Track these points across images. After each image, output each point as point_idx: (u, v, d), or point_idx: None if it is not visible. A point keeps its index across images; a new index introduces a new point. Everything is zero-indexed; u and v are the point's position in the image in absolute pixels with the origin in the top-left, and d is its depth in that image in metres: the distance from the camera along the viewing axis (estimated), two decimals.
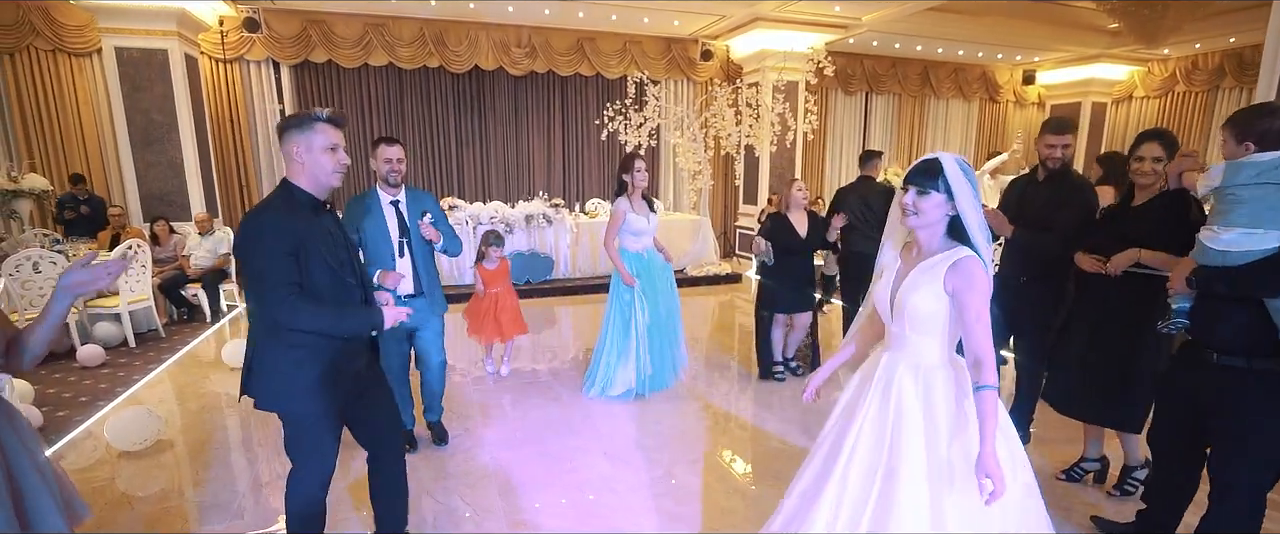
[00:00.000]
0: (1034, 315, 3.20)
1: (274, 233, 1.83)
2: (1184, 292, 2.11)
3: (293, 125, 1.92)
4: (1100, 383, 2.77)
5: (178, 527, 2.72)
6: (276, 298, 1.82)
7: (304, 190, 1.95)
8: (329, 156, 1.93)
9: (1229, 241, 2.00)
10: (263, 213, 1.90)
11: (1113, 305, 2.70)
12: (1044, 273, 3.14)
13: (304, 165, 1.93)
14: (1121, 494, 2.95)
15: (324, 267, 1.93)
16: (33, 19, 6.83)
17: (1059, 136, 3.04)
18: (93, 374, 4.67)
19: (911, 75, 10.93)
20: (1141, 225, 2.56)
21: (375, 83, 8.55)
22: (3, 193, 5.74)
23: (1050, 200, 3.06)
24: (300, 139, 1.91)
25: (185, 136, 6.88)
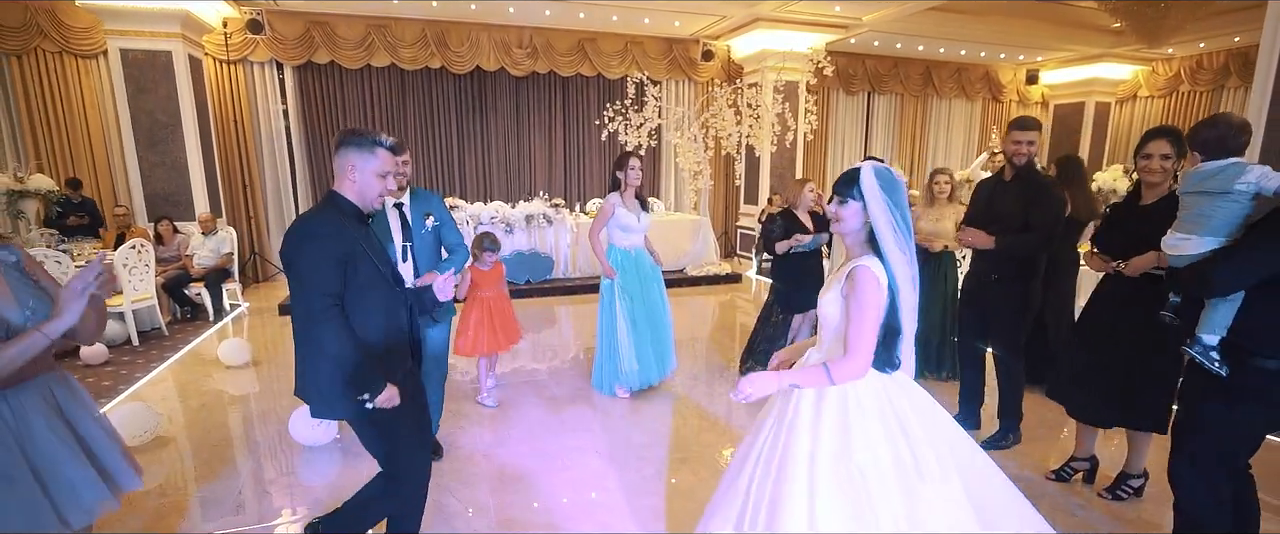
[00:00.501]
0: (1008, 313, 3.25)
1: (323, 238, 1.86)
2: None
3: (355, 144, 1.95)
4: (1121, 385, 2.73)
5: (175, 521, 2.76)
6: (319, 306, 1.83)
7: (350, 202, 1.98)
8: (380, 181, 1.97)
9: (1172, 245, 2.25)
10: (311, 220, 1.93)
11: (1130, 306, 2.67)
12: (1017, 272, 3.18)
13: (355, 183, 1.96)
14: (1114, 498, 2.94)
15: (376, 273, 1.96)
16: (40, 21, 6.91)
17: (1025, 132, 3.09)
18: (96, 372, 4.74)
19: (914, 75, 10.91)
20: (1152, 224, 2.50)
21: (378, 83, 8.60)
22: (9, 193, 5.81)
23: (1021, 198, 3.10)
24: (358, 159, 1.94)
25: (189, 137, 6.95)
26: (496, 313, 4.04)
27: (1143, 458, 2.92)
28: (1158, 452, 3.17)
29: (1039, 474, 3.18)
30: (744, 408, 4.12)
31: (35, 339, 1.52)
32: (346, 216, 1.96)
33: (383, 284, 1.99)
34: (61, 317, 1.54)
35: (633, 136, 7.63)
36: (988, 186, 3.35)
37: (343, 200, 1.97)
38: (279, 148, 8.42)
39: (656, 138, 8.48)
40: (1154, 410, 2.72)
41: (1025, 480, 3.10)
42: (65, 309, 1.55)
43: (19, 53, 6.99)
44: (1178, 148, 2.54)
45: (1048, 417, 3.91)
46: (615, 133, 7.72)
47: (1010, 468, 3.23)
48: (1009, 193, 3.18)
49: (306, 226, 1.89)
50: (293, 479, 3.16)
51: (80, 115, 7.37)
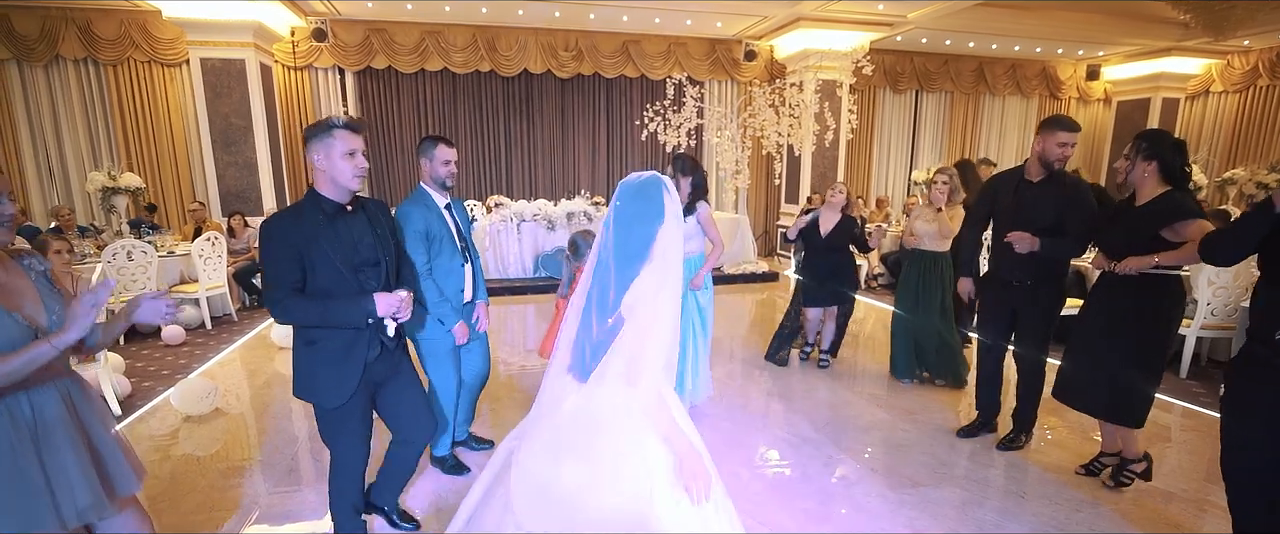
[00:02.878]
0: (1039, 315, 3.23)
1: (278, 237, 1.99)
2: None
3: (312, 135, 2.01)
4: (1109, 378, 2.79)
5: (237, 481, 3.09)
6: (271, 297, 2.00)
7: (326, 197, 2.04)
8: (347, 162, 2.00)
9: None
10: (273, 219, 2.05)
11: (1126, 303, 2.74)
12: (1049, 274, 3.16)
13: (324, 172, 2.01)
14: (1116, 486, 2.97)
15: (331, 269, 2.02)
16: (132, 33, 7.61)
17: (1071, 134, 3.00)
18: (174, 351, 5.22)
19: (965, 72, 10.64)
20: (1146, 224, 2.64)
21: (431, 86, 9.05)
22: (104, 190, 6.44)
23: (1055, 201, 3.03)
24: (319, 147, 1.99)
25: (259, 138, 7.51)
26: None
27: (1135, 443, 2.92)
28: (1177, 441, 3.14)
29: (1067, 470, 3.18)
30: (764, 400, 4.22)
31: (43, 350, 1.55)
32: (315, 212, 2.02)
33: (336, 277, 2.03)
34: (69, 330, 1.57)
35: (671, 136, 7.78)
36: (1009, 186, 3.25)
37: (318, 198, 2.04)
38: None
39: (696, 137, 8.60)
40: (1141, 404, 2.79)
41: (1054, 473, 3.12)
42: (73, 324, 1.56)
43: (114, 62, 7.72)
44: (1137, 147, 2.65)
45: (1074, 416, 3.87)
46: (655, 133, 7.88)
47: (1042, 463, 3.25)
48: (1041, 194, 3.08)
49: (265, 226, 2.04)
50: None
51: (165, 119, 8.07)
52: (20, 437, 1.60)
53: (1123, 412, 2.83)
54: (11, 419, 1.60)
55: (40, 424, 1.64)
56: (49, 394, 1.67)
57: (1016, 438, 3.40)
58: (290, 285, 2.00)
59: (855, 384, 4.49)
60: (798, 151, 8.60)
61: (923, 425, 3.74)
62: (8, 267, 1.70)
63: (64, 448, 1.66)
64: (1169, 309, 2.71)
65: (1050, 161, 3.04)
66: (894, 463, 3.27)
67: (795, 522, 2.71)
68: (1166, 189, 2.63)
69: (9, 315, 1.58)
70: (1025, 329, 3.28)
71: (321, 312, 2.01)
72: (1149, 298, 2.67)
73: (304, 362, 2.12)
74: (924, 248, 4.24)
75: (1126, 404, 2.80)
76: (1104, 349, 2.80)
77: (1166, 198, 2.61)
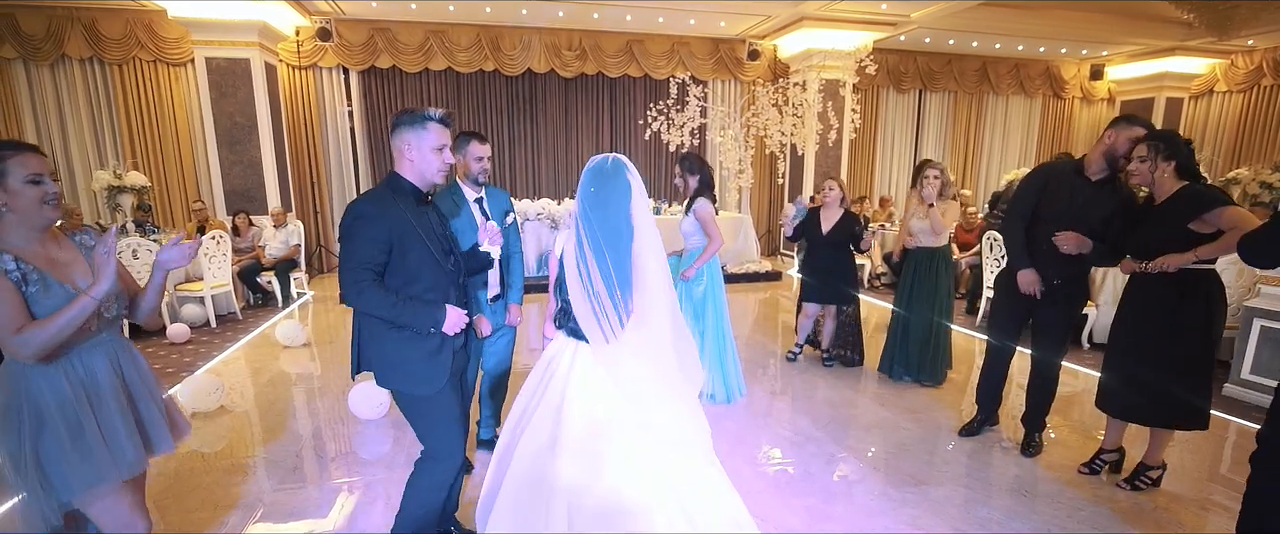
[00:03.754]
0: (1062, 317, 3.21)
1: (370, 218, 1.95)
2: None
3: (407, 123, 2.02)
4: (1167, 385, 2.73)
5: (239, 478, 3.11)
6: (352, 278, 1.94)
7: (408, 181, 2.06)
8: (436, 155, 2.04)
9: None
10: (365, 199, 2.01)
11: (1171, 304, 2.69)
12: (1077, 276, 3.14)
13: (412, 162, 2.04)
14: (1132, 489, 2.96)
15: (426, 253, 2.02)
16: (138, 33, 7.64)
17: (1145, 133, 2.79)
18: (180, 349, 5.25)
19: (968, 72, 10.63)
20: (1168, 222, 2.65)
21: (435, 86, 9.06)
22: (110, 188, 6.47)
23: (1114, 205, 2.92)
24: (412, 137, 2.01)
25: (264, 138, 7.53)
26: None
27: (1161, 451, 2.94)
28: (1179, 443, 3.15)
29: (1069, 469, 3.19)
30: (767, 399, 4.23)
31: (84, 303, 1.68)
32: (403, 195, 2.03)
33: (433, 266, 2.05)
34: (101, 281, 1.69)
35: (674, 136, 7.79)
36: (1065, 182, 3.03)
37: (401, 181, 2.06)
38: (344, 147, 8.99)
39: (699, 137, 8.61)
40: (1189, 408, 2.74)
41: (1057, 473, 3.12)
42: (102, 273, 1.70)
43: (120, 62, 7.75)
44: (1155, 148, 2.63)
45: (1076, 416, 3.88)
46: (658, 132, 7.90)
47: (1043, 462, 3.26)
48: (1098, 194, 2.94)
49: (357, 206, 1.98)
50: (345, 446, 3.48)
51: (170, 118, 8.10)
52: (78, 395, 1.75)
53: (1187, 416, 2.77)
54: (68, 379, 1.75)
55: (91, 383, 1.79)
56: (97, 354, 1.81)
57: (1033, 439, 3.36)
58: (375, 268, 1.96)
59: (856, 383, 4.50)
60: (801, 151, 8.61)
61: (925, 424, 3.75)
62: (61, 242, 1.85)
63: (112, 405, 1.82)
64: (1215, 303, 2.67)
65: (1116, 157, 2.87)
66: (896, 461, 3.27)
67: (799, 520, 2.72)
68: (1184, 183, 2.63)
69: (61, 286, 1.73)
70: (1043, 329, 3.24)
71: (395, 308, 1.97)
72: (1194, 296, 2.63)
73: (391, 348, 2.04)
74: (920, 245, 4.25)
75: (1190, 408, 2.74)
76: (1158, 355, 2.73)
77: (1188, 191, 2.60)
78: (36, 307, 1.68)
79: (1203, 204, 2.55)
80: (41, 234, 1.76)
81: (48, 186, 1.71)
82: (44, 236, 1.78)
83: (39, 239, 1.75)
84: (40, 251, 1.74)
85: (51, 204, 1.72)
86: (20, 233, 1.71)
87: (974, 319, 6.25)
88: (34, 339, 1.64)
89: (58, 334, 1.67)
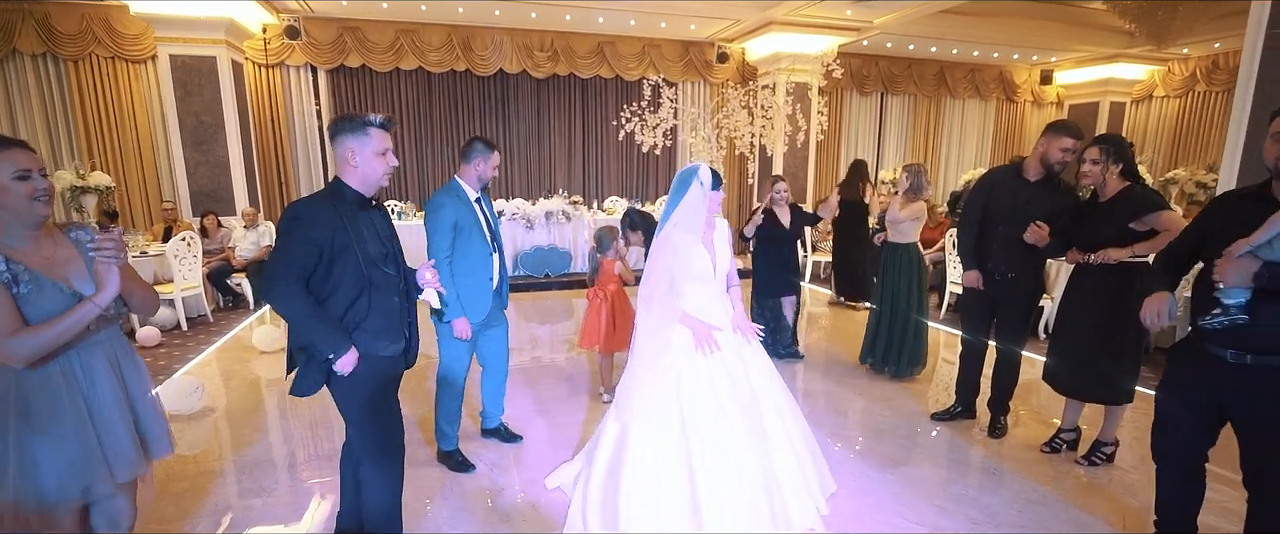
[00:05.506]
0: (1021, 308, 3.44)
1: (305, 220, 1.97)
2: (1243, 284, 1.94)
3: (347, 129, 2.03)
4: (1098, 364, 3.01)
5: (208, 484, 3.10)
6: (279, 277, 1.94)
7: (351, 188, 2.07)
8: (380, 160, 2.06)
9: None
10: (302, 202, 2.03)
11: (1097, 293, 2.98)
12: (1031, 269, 3.37)
13: (356, 167, 2.04)
14: (1089, 464, 3.22)
15: (352, 258, 2.02)
16: (94, 29, 7.40)
17: (1075, 141, 3.13)
18: (151, 353, 5.14)
19: (927, 76, 11.05)
20: (1114, 218, 2.91)
21: (406, 86, 9.00)
22: (73, 189, 6.27)
23: (1053, 202, 3.18)
24: (353, 142, 2.02)
25: (231, 137, 7.38)
26: (618, 310, 3.92)
27: (1114, 428, 3.20)
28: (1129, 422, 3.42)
29: (1032, 448, 3.43)
30: None
31: (87, 310, 1.68)
32: (344, 203, 2.03)
33: (361, 267, 2.03)
34: (105, 288, 1.70)
35: (648, 137, 7.91)
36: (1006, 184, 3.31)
37: (345, 188, 2.06)
38: (313, 147, 8.85)
39: (672, 138, 8.75)
40: (1121, 385, 3.03)
41: (1021, 452, 3.35)
42: (106, 281, 1.70)
43: (76, 58, 7.49)
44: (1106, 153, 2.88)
45: (1039, 400, 4.14)
46: (632, 133, 8.00)
47: (1008, 443, 3.48)
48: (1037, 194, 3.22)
49: (295, 208, 1.99)
50: (318, 450, 3.48)
51: (129, 116, 7.86)
52: (74, 396, 1.73)
53: (1118, 393, 3.06)
54: (65, 379, 1.72)
55: (90, 383, 1.76)
56: (97, 354, 1.78)
57: (999, 421, 3.61)
58: (302, 271, 1.97)
59: (830, 374, 4.70)
60: (770, 152, 8.83)
61: (899, 411, 3.96)
62: (56, 238, 1.79)
63: (111, 406, 1.79)
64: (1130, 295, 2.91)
65: (1051, 164, 3.15)
66: (876, 446, 3.46)
67: None
68: (1127, 184, 2.89)
69: (53, 285, 1.68)
70: (1005, 320, 3.48)
71: (307, 319, 1.98)
72: (1130, 286, 2.89)
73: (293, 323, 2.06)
74: (889, 240, 4.51)
75: (1118, 386, 3.03)
76: (1096, 337, 2.99)
77: (1130, 192, 2.87)
78: (29, 308, 1.63)
79: (1142, 206, 2.83)
80: (34, 232, 1.71)
81: (37, 182, 1.66)
82: (37, 234, 1.72)
83: (31, 237, 1.71)
84: (33, 251, 1.69)
85: (42, 200, 1.68)
86: (11, 231, 1.67)
87: (940, 312, 6.54)
88: (26, 345, 1.60)
89: (54, 341, 1.63)
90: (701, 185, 2.38)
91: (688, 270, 2.41)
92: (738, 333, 2.53)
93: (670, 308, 2.38)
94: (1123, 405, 3.12)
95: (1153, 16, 7.38)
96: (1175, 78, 10.75)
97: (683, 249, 2.38)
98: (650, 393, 2.37)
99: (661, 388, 2.36)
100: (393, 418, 2.26)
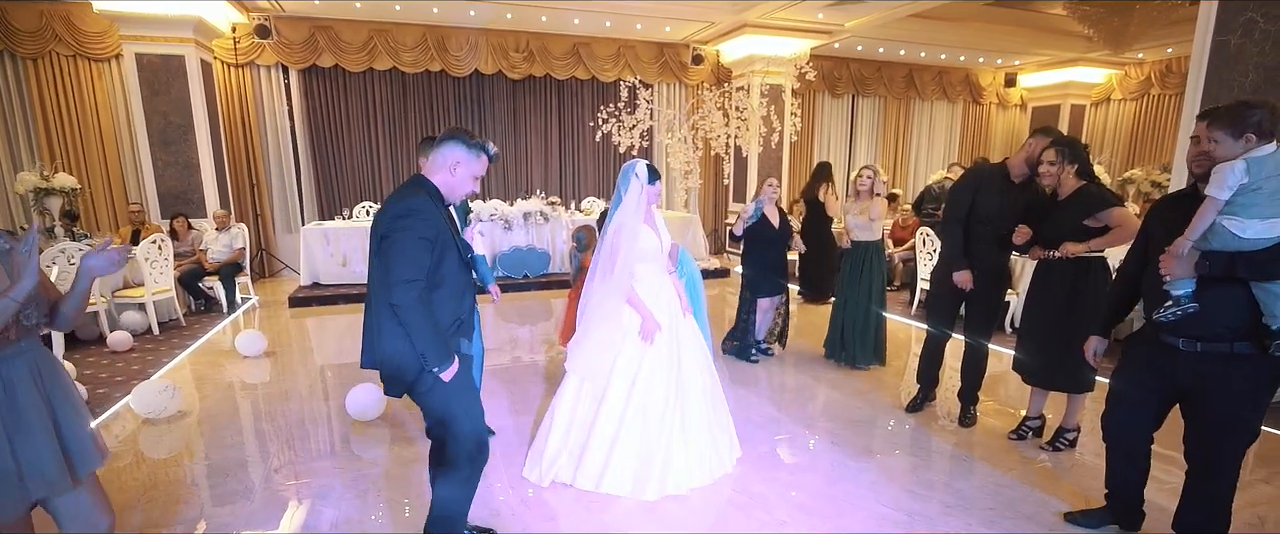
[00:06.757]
0: (990, 302, 3.59)
1: (422, 218, 1.95)
2: (1188, 275, 2.10)
3: (464, 143, 2.11)
4: (1060, 355, 3.14)
5: (182, 492, 3.08)
6: (408, 280, 1.91)
7: (437, 190, 2.12)
8: (472, 183, 2.17)
9: (1259, 231, 2.01)
10: (413, 198, 1.99)
11: (1060, 286, 3.14)
12: (999, 266, 3.53)
13: (452, 175, 2.11)
14: (1053, 450, 3.38)
15: (456, 255, 2.09)
16: (54, 26, 7.21)
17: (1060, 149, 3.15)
18: (123, 358, 5.04)
19: (897, 78, 11.31)
20: (1071, 215, 3.07)
21: (380, 86, 8.92)
22: (37, 190, 6.10)
23: (1033, 202, 3.31)
24: (466, 157, 2.10)
25: (201, 137, 7.26)
26: None
27: (1076, 415, 3.36)
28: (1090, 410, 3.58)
29: (1000, 435, 3.58)
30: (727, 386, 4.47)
31: (3, 304, 1.60)
32: (437, 199, 2.09)
33: (463, 268, 2.13)
34: (22, 279, 1.63)
35: (625, 138, 7.98)
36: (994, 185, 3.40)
37: (431, 186, 2.10)
38: (284, 148, 8.72)
39: (648, 139, 8.84)
40: (1082, 375, 3.17)
41: (989, 440, 3.49)
42: (23, 271, 1.64)
43: (35, 56, 7.29)
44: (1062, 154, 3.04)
45: (1006, 390, 4.31)
46: (609, 134, 8.07)
47: (977, 432, 3.62)
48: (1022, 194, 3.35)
49: (406, 204, 1.97)
50: (294, 455, 3.48)
51: (92, 116, 7.66)
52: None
53: (1079, 382, 3.21)
54: None
55: (10, 397, 1.67)
56: (18, 366, 1.70)
57: (968, 412, 3.75)
58: (424, 272, 1.97)
59: (807, 369, 4.82)
60: (745, 153, 8.97)
61: (874, 403, 4.09)
62: None
63: (33, 422, 1.70)
64: (1102, 285, 3.09)
65: (1037, 163, 3.20)
66: (851, 437, 3.58)
67: (771, 489, 2.97)
68: (1082, 183, 3.04)
69: None
70: (973, 315, 3.62)
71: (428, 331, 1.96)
72: (1088, 278, 3.07)
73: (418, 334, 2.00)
74: (857, 239, 4.64)
75: (1080, 375, 3.18)
76: (1058, 328, 3.13)
77: (1085, 191, 3.04)
78: None
79: (1095, 204, 2.99)
80: None
81: None
82: None
83: None
84: None
85: None
86: None
87: (911, 309, 6.72)
88: None
89: None
90: (638, 179, 2.81)
91: (638, 250, 2.83)
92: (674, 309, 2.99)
93: (625, 283, 2.80)
94: (1084, 394, 3.28)
95: (1109, 22, 7.69)
96: (1131, 81, 11.17)
97: (632, 230, 2.80)
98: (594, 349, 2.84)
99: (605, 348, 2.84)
100: (480, 419, 2.23)
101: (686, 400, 2.95)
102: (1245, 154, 2.01)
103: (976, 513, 2.79)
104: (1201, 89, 4.08)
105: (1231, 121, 2.03)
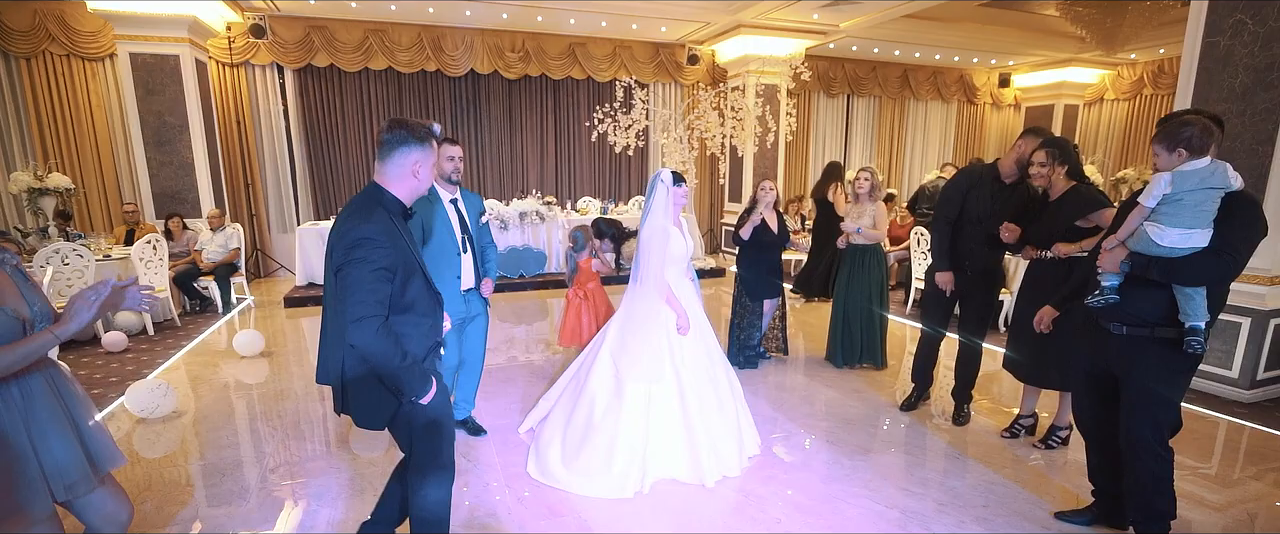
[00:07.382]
0: (983, 302, 3.62)
1: (377, 247, 1.78)
2: (1114, 271, 2.34)
3: (418, 139, 1.90)
4: (1052, 353, 3.18)
5: (181, 493, 3.08)
6: (366, 317, 1.75)
7: (395, 198, 1.92)
8: (433, 173, 2.01)
9: (1175, 239, 2.19)
10: (367, 223, 1.81)
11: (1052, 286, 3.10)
12: (994, 266, 3.56)
13: (416, 178, 1.92)
14: (1045, 448, 3.41)
15: (421, 277, 1.94)
16: (48, 25, 7.17)
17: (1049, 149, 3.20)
18: (118, 359, 5.03)
19: (891, 78, 11.35)
20: (1063, 215, 3.09)
21: (375, 86, 8.90)
22: (31, 190, 6.08)
23: (1023, 202, 3.35)
24: (422, 155, 1.91)
25: (195, 137, 7.24)
26: (597, 308, 4.02)
27: (1068, 413, 3.37)
28: None
29: (993, 433, 3.61)
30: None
31: (46, 340, 1.66)
32: (396, 215, 1.92)
33: (424, 282, 1.97)
34: (71, 322, 1.67)
35: (621, 138, 7.98)
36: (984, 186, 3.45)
37: (390, 199, 1.91)
38: (279, 148, 8.70)
39: (644, 139, 8.85)
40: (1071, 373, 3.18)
41: (983, 438, 3.52)
42: (75, 316, 1.68)
43: (28, 56, 7.25)
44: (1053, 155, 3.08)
45: (1001, 389, 4.34)
46: (605, 134, 8.07)
47: (970, 430, 3.65)
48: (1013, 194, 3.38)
49: (359, 232, 1.78)
50: (289, 456, 3.49)
51: (87, 116, 7.63)
52: (14, 422, 1.69)
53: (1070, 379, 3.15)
54: (6, 406, 1.69)
55: (30, 408, 1.73)
56: (35, 380, 1.75)
57: (962, 410, 3.78)
58: (385, 305, 1.80)
59: (803, 369, 4.84)
60: (741, 153, 8.99)
61: (868, 402, 4.11)
62: None
63: (51, 429, 1.76)
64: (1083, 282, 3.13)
65: (1027, 163, 3.24)
66: (846, 435, 3.60)
67: (767, 488, 2.99)
68: (1073, 184, 3.07)
69: (1, 309, 1.66)
70: (967, 314, 3.64)
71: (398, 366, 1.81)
72: (1064, 277, 3.05)
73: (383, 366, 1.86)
74: (856, 243, 4.64)
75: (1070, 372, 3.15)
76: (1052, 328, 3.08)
77: (1075, 192, 3.06)
78: None
79: (1085, 205, 3.02)
80: None
81: None
82: None
83: None
84: None
85: None
86: None
87: (906, 308, 6.75)
88: None
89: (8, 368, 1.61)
90: (664, 184, 3.00)
91: (671, 254, 3.00)
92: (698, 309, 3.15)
93: (661, 284, 2.98)
94: None
95: (1102, 23, 7.74)
96: (1124, 82, 11.24)
97: (664, 232, 2.97)
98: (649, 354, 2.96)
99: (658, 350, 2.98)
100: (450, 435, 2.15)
101: (719, 391, 3.11)
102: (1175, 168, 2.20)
103: (970, 510, 2.81)
104: (1192, 90, 4.12)
105: (1166, 137, 2.23)
